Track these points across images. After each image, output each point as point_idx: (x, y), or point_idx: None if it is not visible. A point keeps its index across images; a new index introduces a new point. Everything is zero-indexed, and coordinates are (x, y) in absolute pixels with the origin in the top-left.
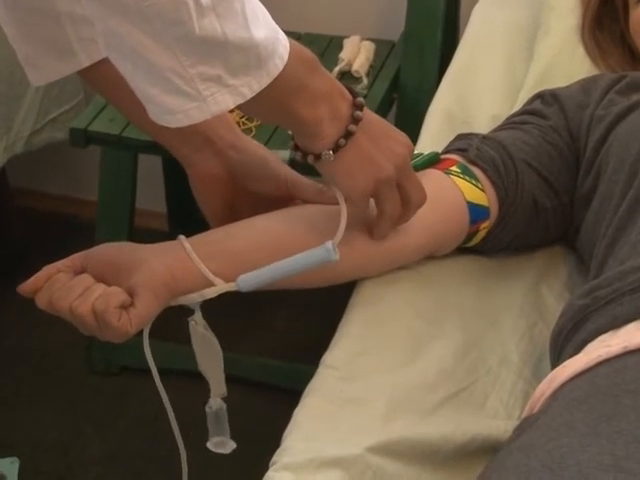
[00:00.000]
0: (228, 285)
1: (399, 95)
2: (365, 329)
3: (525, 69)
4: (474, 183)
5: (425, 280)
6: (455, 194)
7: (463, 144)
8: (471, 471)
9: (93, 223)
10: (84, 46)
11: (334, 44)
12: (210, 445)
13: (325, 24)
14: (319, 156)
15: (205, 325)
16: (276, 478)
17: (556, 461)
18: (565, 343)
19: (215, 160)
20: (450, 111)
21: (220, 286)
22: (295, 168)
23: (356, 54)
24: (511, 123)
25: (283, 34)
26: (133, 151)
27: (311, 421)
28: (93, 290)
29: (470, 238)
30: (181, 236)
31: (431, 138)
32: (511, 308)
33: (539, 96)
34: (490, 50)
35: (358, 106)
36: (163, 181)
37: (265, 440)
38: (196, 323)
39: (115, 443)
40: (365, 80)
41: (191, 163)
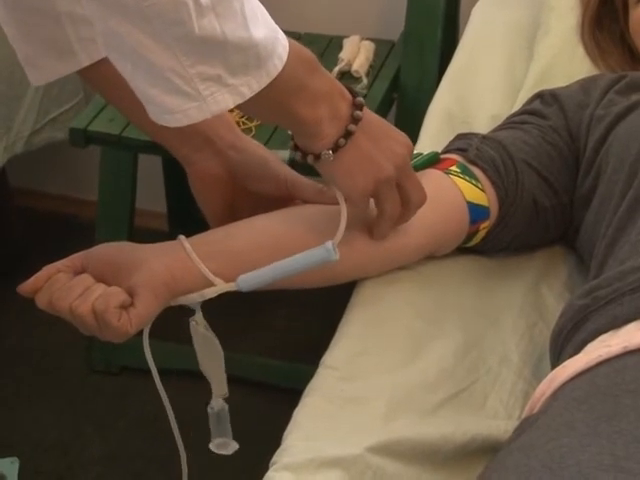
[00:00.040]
0: (228, 285)
1: (399, 95)
2: (365, 329)
3: (525, 69)
4: (474, 183)
5: (425, 280)
6: (455, 194)
7: (463, 144)
8: (471, 471)
9: (93, 223)
10: (84, 46)
11: (334, 44)
12: (212, 446)
13: (325, 24)
14: (319, 156)
15: (206, 325)
16: (276, 478)
17: (556, 461)
18: (565, 343)
19: (215, 160)
20: (450, 111)
21: (220, 286)
22: (295, 168)
23: (356, 54)
24: (511, 123)
25: (282, 34)
26: (133, 151)
27: (311, 421)
28: (93, 290)
29: (470, 238)
30: (181, 236)
31: (431, 138)
32: (511, 308)
33: (539, 96)
34: (490, 50)
35: (358, 106)
36: (163, 181)
37: (265, 440)
38: (197, 324)
39: (115, 443)
40: (365, 80)
41: (191, 163)
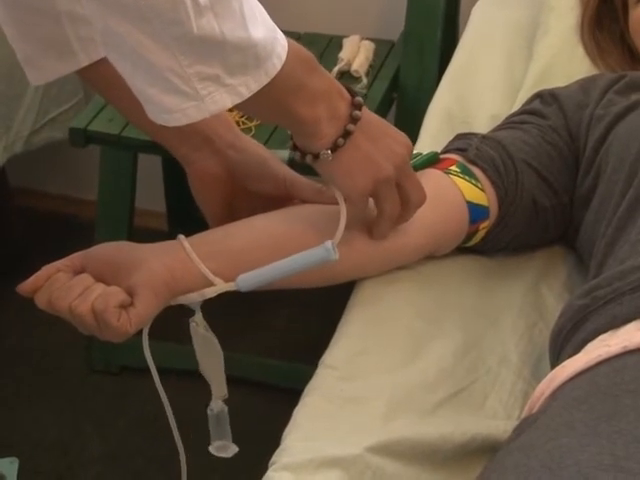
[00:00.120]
0: (228, 285)
1: (399, 95)
2: (365, 329)
3: (524, 69)
4: (474, 183)
5: (425, 280)
6: (455, 194)
7: (462, 144)
8: (470, 471)
9: (93, 223)
10: (83, 46)
11: (333, 44)
12: (212, 449)
13: (324, 24)
14: (317, 156)
15: (206, 326)
16: (275, 478)
17: (555, 461)
18: (565, 343)
19: (214, 159)
20: (450, 111)
21: (220, 286)
22: (294, 168)
23: (355, 54)
24: (510, 123)
25: (281, 34)
26: (133, 151)
27: (311, 421)
28: (92, 290)
29: (470, 238)
30: (181, 236)
31: (430, 138)
32: (511, 308)
33: (538, 96)
34: (490, 50)
35: (357, 105)
36: (162, 181)
37: (265, 440)
38: (197, 324)
39: (115, 442)
40: (364, 80)
41: (190, 162)
